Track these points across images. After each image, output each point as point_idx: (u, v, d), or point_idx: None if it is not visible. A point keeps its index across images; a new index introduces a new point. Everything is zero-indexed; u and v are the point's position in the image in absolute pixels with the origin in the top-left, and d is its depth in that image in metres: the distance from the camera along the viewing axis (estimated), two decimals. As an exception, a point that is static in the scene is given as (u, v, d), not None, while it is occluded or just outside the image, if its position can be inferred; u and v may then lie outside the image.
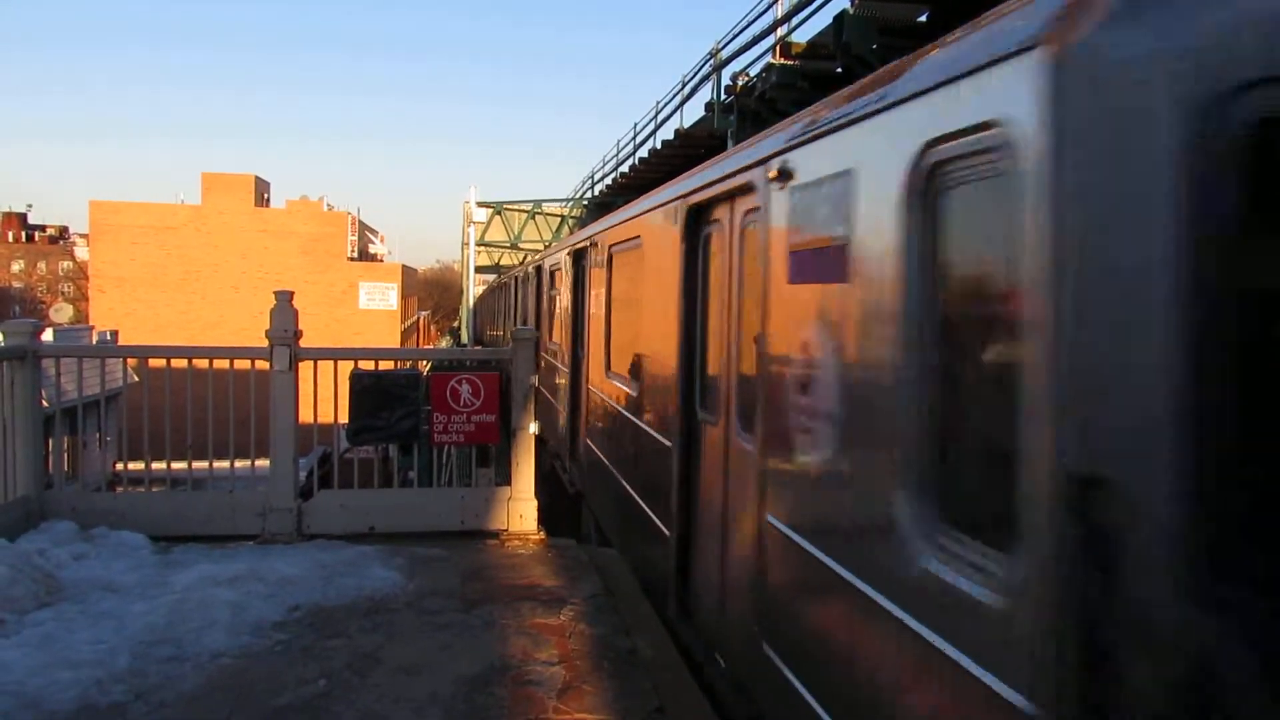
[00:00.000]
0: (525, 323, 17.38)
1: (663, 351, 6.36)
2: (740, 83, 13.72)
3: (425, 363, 9.68)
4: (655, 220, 6.80)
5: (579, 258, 10.78)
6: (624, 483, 7.75)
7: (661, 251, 6.53)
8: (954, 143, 2.70)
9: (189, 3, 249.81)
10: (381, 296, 47.53)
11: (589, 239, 10.10)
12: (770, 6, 12.46)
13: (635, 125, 23.49)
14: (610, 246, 8.53)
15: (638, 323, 7.27)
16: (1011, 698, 2.30)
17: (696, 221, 5.86)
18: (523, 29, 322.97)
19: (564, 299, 11.96)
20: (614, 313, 8.46)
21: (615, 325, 8.39)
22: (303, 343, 7.92)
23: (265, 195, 53.97)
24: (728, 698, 4.90)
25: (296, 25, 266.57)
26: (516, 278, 21.56)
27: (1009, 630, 2.34)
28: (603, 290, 8.84)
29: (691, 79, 17.39)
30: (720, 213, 5.41)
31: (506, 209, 32.73)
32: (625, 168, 24.72)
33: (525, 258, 27.45)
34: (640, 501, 7.10)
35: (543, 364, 13.04)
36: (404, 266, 54.20)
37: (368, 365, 8.38)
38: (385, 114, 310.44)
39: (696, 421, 5.77)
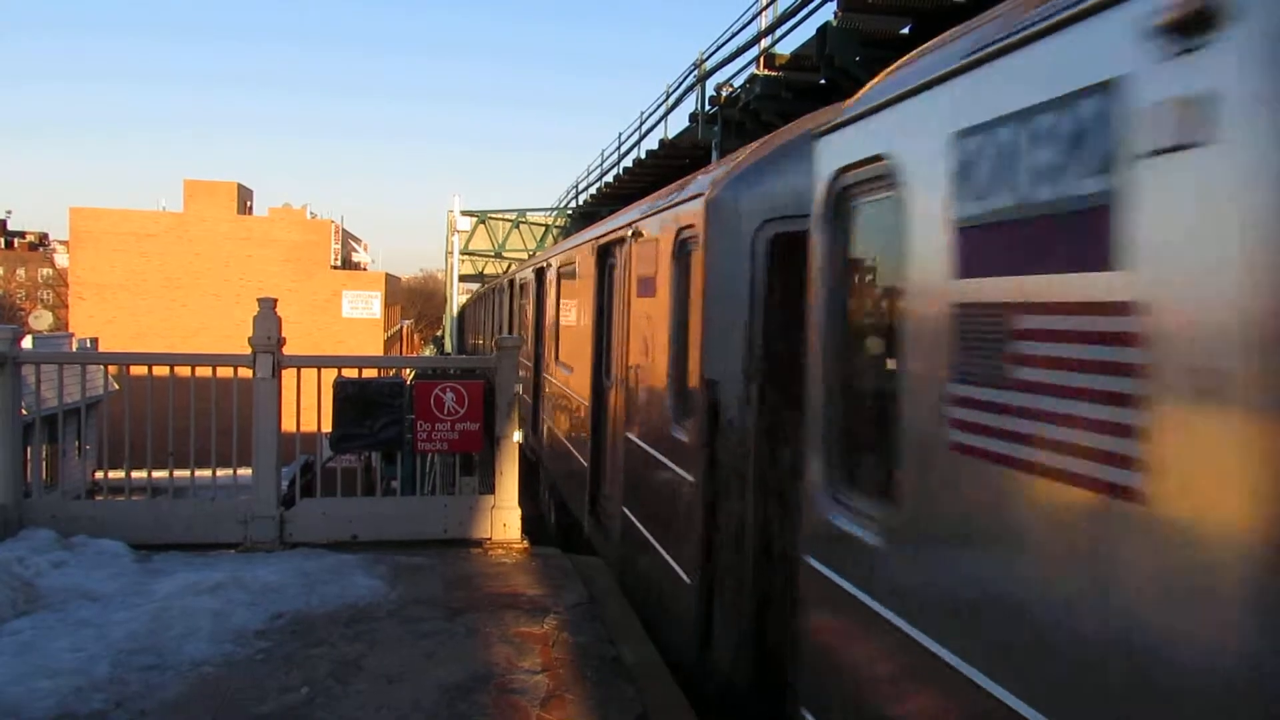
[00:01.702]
0: (505, 330, 17.71)
1: (585, 343, 8.94)
2: (725, 93, 13.81)
3: (409, 371, 9.66)
4: (585, 252, 9.34)
5: (539, 275, 13.49)
6: (562, 438, 10.49)
7: (586, 275, 9.09)
8: (687, 228, 5.65)
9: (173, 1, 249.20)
10: (365, 305, 47.27)
11: (546, 260, 12.97)
12: (755, 18, 12.57)
13: (620, 135, 23.57)
14: (559, 268, 11.34)
15: (574, 325, 9.87)
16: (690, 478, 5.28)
17: (604, 256, 8.48)
18: (508, 29, 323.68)
19: (530, 308, 14.46)
20: (561, 317, 11.27)
21: (562, 327, 11.17)
22: (286, 350, 7.89)
23: (248, 203, 53.67)
24: (607, 552, 7.65)
25: (292, 27, 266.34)
26: (496, 289, 21.89)
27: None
28: (553, 301, 11.73)
29: (676, 89, 17.49)
30: (617, 251, 7.88)
31: (490, 218, 32.65)
32: (610, 177, 24.79)
33: (509, 267, 27.44)
34: (570, 447, 9.79)
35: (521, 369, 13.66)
36: (387, 275, 53.93)
37: (351, 373, 8.35)
38: (369, 120, 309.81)
39: (603, 386, 8.24)
